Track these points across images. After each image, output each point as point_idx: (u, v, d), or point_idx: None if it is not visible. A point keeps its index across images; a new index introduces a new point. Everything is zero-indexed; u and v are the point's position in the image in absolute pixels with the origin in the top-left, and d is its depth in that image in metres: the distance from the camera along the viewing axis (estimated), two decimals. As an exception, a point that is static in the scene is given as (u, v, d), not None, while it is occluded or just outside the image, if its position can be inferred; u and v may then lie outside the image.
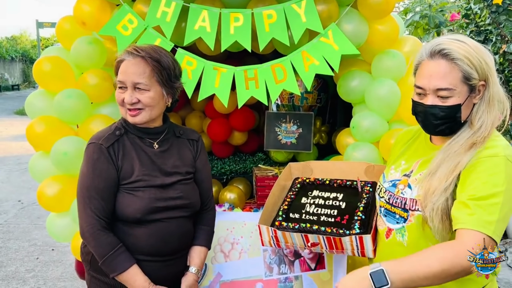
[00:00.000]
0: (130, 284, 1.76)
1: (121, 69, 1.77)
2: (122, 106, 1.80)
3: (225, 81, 2.23)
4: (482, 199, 1.39)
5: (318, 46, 2.25)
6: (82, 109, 2.38)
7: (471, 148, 1.48)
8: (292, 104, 3.31)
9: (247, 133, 3.55)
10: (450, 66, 1.47)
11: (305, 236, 1.80)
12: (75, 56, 2.42)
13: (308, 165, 2.26)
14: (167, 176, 1.85)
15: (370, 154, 2.44)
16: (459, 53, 1.47)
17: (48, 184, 2.37)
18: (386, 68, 2.44)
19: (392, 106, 2.44)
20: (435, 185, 1.47)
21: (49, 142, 2.32)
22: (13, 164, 8.94)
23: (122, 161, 1.80)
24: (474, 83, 1.48)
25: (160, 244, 1.83)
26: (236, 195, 3.09)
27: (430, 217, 1.47)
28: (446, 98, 1.49)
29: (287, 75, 2.25)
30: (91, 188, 1.75)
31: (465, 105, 1.50)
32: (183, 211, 1.88)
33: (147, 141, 1.87)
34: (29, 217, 5.88)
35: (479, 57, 1.48)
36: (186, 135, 2.00)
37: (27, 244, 4.99)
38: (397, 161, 1.75)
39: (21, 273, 4.28)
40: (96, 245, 1.75)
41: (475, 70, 1.47)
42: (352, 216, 1.87)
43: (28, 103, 2.46)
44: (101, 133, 1.85)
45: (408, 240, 1.59)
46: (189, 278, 1.91)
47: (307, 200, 2.04)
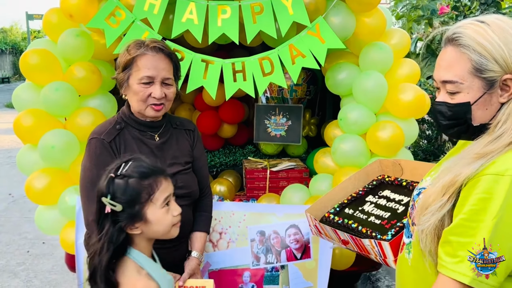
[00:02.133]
0: None
1: (146, 64, 1.78)
2: (144, 101, 1.81)
3: (213, 74, 2.25)
4: (464, 234, 1.12)
5: (305, 40, 2.26)
6: (70, 102, 2.38)
7: (479, 159, 1.15)
8: (282, 97, 3.33)
9: (236, 125, 3.57)
10: (457, 54, 1.20)
11: (336, 232, 1.79)
12: (62, 48, 2.41)
13: (398, 163, 2.10)
14: (168, 168, 1.87)
15: (357, 146, 2.47)
16: (470, 38, 1.18)
17: (36, 177, 2.37)
18: (374, 60, 2.46)
19: (379, 98, 2.47)
20: (429, 201, 1.22)
21: (37, 135, 2.32)
22: (3, 158, 8.89)
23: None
24: (493, 77, 1.17)
25: None
26: (226, 187, 3.10)
27: (420, 239, 1.24)
28: (454, 94, 1.23)
29: (274, 68, 2.26)
30: (96, 182, 1.75)
31: (480, 104, 1.20)
32: (184, 200, 1.92)
33: (148, 134, 1.91)
34: (19, 210, 5.86)
35: (502, 43, 1.16)
36: (183, 125, 2.04)
37: (18, 237, 4.97)
38: (438, 166, 1.42)
39: (11, 266, 4.28)
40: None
41: (492, 59, 1.16)
42: (398, 221, 1.75)
43: (15, 95, 2.45)
44: (102, 127, 1.88)
45: (412, 259, 1.36)
46: (192, 262, 1.96)
47: (372, 199, 1.99)
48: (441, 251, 1.17)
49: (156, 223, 1.46)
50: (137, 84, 1.79)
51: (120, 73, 1.80)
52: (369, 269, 3.17)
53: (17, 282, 3.96)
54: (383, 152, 2.47)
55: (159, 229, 1.48)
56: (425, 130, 6.62)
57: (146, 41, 1.84)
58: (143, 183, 1.42)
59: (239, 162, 3.49)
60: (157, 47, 1.81)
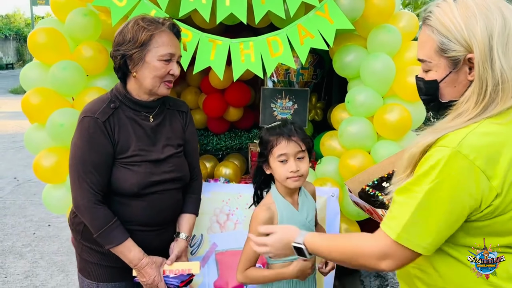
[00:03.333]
0: (125, 255, 1.80)
1: (167, 41, 1.78)
2: (161, 78, 1.80)
3: (220, 54, 2.24)
4: (403, 192, 1.21)
5: (314, 20, 2.25)
6: (78, 81, 2.39)
7: (434, 133, 1.20)
8: (288, 80, 3.32)
9: (242, 109, 3.56)
10: (427, 34, 1.24)
11: (361, 201, 1.84)
12: (70, 28, 2.41)
13: None
14: (161, 150, 1.89)
15: (364, 129, 2.47)
16: (436, 18, 1.20)
17: (44, 156, 2.38)
18: (382, 42, 2.45)
19: (386, 81, 2.46)
20: (399, 172, 1.31)
21: (45, 114, 2.33)
22: (8, 142, 8.93)
23: (119, 136, 1.80)
24: (455, 56, 1.19)
25: (155, 215, 1.88)
26: (232, 170, 3.11)
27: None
28: (426, 72, 1.28)
29: (282, 48, 2.25)
30: (88, 162, 1.75)
31: (448, 82, 1.24)
32: (176, 183, 1.93)
33: (143, 114, 1.88)
34: (24, 194, 5.91)
35: (463, 22, 1.16)
36: (176, 106, 2.03)
37: (24, 220, 5.02)
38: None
39: (18, 248, 4.32)
40: (92, 218, 1.77)
41: (454, 39, 1.17)
42: None
43: (23, 74, 2.46)
44: (95, 105, 1.82)
45: None
46: (180, 244, 1.97)
47: None
48: (388, 210, 1.26)
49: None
50: (157, 61, 1.77)
51: (133, 49, 1.74)
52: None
53: (23, 263, 4.00)
54: (390, 135, 2.47)
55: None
56: (430, 117, 6.61)
57: (159, 18, 1.82)
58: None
59: (245, 146, 3.49)
60: (173, 24, 1.83)
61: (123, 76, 1.85)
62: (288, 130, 1.80)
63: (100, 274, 1.90)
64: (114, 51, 1.80)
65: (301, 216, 1.84)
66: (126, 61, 1.78)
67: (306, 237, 1.42)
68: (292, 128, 1.81)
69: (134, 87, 1.85)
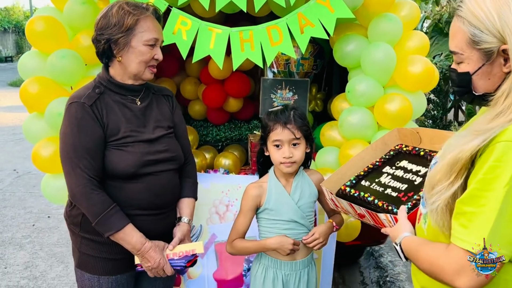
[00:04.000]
0: (127, 241, 1.76)
1: (152, 26, 1.80)
2: (146, 63, 1.82)
3: (220, 42, 2.22)
4: (471, 202, 1.11)
5: (314, 9, 2.22)
6: (76, 70, 2.37)
7: (481, 135, 1.12)
8: (288, 71, 3.30)
9: (242, 100, 3.54)
10: (458, 25, 1.19)
11: (352, 206, 1.75)
12: (68, 16, 2.38)
13: (416, 131, 2.01)
14: (152, 131, 1.88)
15: (364, 119, 2.46)
16: (468, 9, 1.16)
17: (42, 145, 2.36)
18: (383, 31, 2.44)
19: (387, 70, 2.44)
20: (436, 178, 1.20)
21: (43, 103, 2.31)
22: (7, 135, 8.92)
23: (107, 119, 1.79)
24: (489, 48, 1.13)
25: (153, 198, 1.85)
26: (231, 161, 3.10)
27: (432, 217, 1.23)
28: (459, 64, 1.23)
29: (283, 37, 2.23)
30: (79, 147, 1.72)
31: (481, 75, 1.18)
32: (171, 164, 1.91)
33: (129, 98, 1.87)
34: (24, 185, 5.91)
35: (496, 13, 1.11)
36: (160, 91, 2.03)
37: (23, 211, 5.02)
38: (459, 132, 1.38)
39: (17, 239, 4.33)
40: (89, 205, 1.73)
41: (486, 31, 1.12)
42: (415, 194, 1.70)
43: (21, 64, 2.43)
44: (81, 91, 1.82)
45: (427, 228, 1.35)
46: (183, 228, 1.95)
47: (389, 170, 1.92)
48: (455, 222, 1.15)
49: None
50: (143, 46, 1.78)
51: (118, 33, 1.74)
52: (373, 243, 3.19)
53: (23, 254, 4.00)
54: (390, 125, 2.45)
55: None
56: (430, 110, 6.59)
57: (142, 3, 1.83)
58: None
59: (244, 137, 3.48)
60: (155, 9, 1.85)
61: (107, 60, 1.85)
62: (285, 117, 1.85)
63: (101, 267, 1.85)
64: (97, 35, 1.78)
65: (291, 200, 1.91)
66: (111, 46, 1.77)
67: (405, 238, 1.35)
68: (291, 115, 1.86)
69: (119, 72, 1.84)
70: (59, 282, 3.53)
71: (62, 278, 3.58)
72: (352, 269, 3.80)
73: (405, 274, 3.41)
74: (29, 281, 3.55)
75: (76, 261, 1.92)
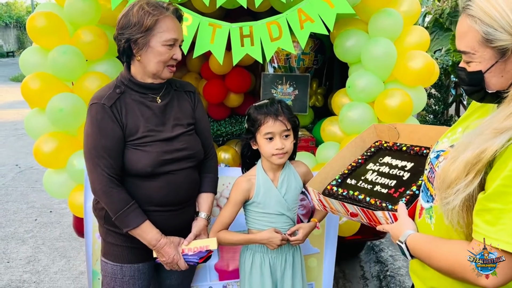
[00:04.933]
0: (143, 237, 1.83)
1: (171, 26, 1.79)
2: (165, 63, 1.82)
3: (220, 38, 2.22)
4: (497, 199, 1.09)
5: (314, 4, 2.22)
6: (77, 66, 2.37)
7: (503, 133, 1.10)
8: (289, 66, 3.30)
9: (243, 95, 3.55)
10: (468, 24, 1.16)
11: (343, 204, 1.74)
12: (69, 12, 2.38)
13: (393, 127, 2.02)
14: (171, 129, 1.89)
15: (365, 114, 2.46)
16: (479, 7, 1.13)
17: (44, 141, 2.37)
18: (383, 27, 2.43)
19: (387, 65, 2.44)
20: (452, 177, 1.16)
21: (44, 98, 2.32)
22: (9, 130, 8.94)
23: (126, 119, 1.82)
24: (503, 46, 1.12)
25: (171, 195, 1.89)
26: (231, 155, 3.11)
27: (445, 215, 1.21)
28: (468, 63, 1.21)
29: (282, 33, 2.23)
30: (99, 147, 1.78)
31: (494, 72, 1.17)
32: (189, 161, 1.93)
33: (150, 96, 1.89)
34: (26, 180, 5.92)
35: (510, 10, 1.10)
36: (183, 87, 2.03)
37: (25, 206, 5.04)
38: (455, 127, 1.39)
39: (20, 233, 4.35)
40: (108, 202, 1.80)
41: (501, 28, 1.10)
42: (407, 189, 1.68)
43: (22, 59, 2.44)
44: (102, 92, 1.85)
45: (435, 223, 1.33)
46: (200, 223, 1.98)
47: (373, 167, 1.91)
48: (478, 219, 1.13)
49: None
50: (162, 46, 1.78)
51: (138, 34, 1.75)
52: (373, 238, 3.19)
53: (26, 248, 4.03)
54: (391, 120, 2.45)
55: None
56: (431, 105, 6.59)
57: (163, 3, 1.82)
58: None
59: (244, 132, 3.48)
60: (176, 9, 1.84)
61: (128, 59, 1.86)
62: (275, 109, 1.88)
63: (124, 256, 1.93)
64: (118, 34, 1.79)
65: (278, 193, 1.96)
66: (131, 45, 1.78)
67: (410, 236, 1.34)
68: (279, 107, 1.90)
69: (139, 71, 1.86)
70: (61, 276, 3.55)
71: (64, 272, 3.60)
72: (353, 263, 3.81)
73: (405, 269, 3.43)
74: (32, 275, 3.57)
75: (102, 250, 1.99)
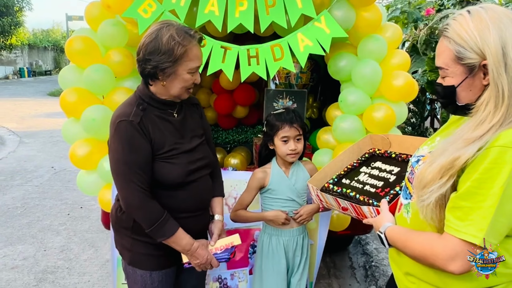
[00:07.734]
0: (178, 243, 1.69)
1: (196, 54, 1.64)
2: (186, 88, 1.68)
3: (230, 58, 2.22)
4: (468, 198, 1.10)
5: (312, 30, 2.23)
6: (107, 82, 2.38)
7: (474, 143, 1.11)
8: (288, 83, 3.30)
9: (248, 107, 3.55)
10: (444, 43, 1.19)
11: (336, 200, 1.75)
12: (101, 36, 2.40)
13: (386, 137, 2.05)
14: (189, 141, 1.78)
15: (354, 125, 2.45)
16: (453, 30, 1.17)
17: (78, 146, 2.38)
18: (370, 50, 2.43)
19: (374, 83, 2.44)
20: (428, 178, 1.17)
21: (79, 109, 2.32)
22: (46, 137, 8.95)
23: (154, 134, 1.66)
24: (471, 63, 1.14)
25: (197, 202, 1.79)
26: (239, 160, 3.10)
27: (420, 211, 1.21)
28: (444, 78, 1.23)
29: (284, 54, 2.24)
30: (131, 163, 1.61)
31: (464, 87, 1.19)
32: (207, 169, 1.84)
33: (168, 111, 1.74)
34: (60, 180, 5.91)
35: (478, 33, 1.12)
36: (189, 101, 1.87)
37: (60, 202, 5.02)
38: (435, 136, 1.39)
39: (55, 226, 4.33)
40: (145, 216, 1.64)
41: (469, 48, 1.14)
42: (392, 189, 1.70)
43: (61, 76, 2.45)
44: (127, 109, 1.66)
45: (411, 217, 1.33)
46: (218, 224, 1.88)
47: (366, 170, 1.93)
48: (450, 215, 1.14)
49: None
50: (187, 74, 1.64)
51: (166, 62, 1.58)
52: (361, 232, 3.17)
53: (60, 239, 4.01)
54: (377, 130, 2.44)
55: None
56: (410, 118, 6.57)
57: (190, 29, 1.64)
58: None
59: (250, 140, 3.48)
60: (201, 38, 1.68)
61: (150, 81, 1.69)
62: (291, 117, 2.03)
63: (153, 263, 1.77)
64: (145, 59, 1.60)
65: (289, 182, 2.08)
66: (157, 72, 1.62)
67: (389, 228, 1.34)
68: (294, 116, 2.04)
69: (160, 91, 1.69)
70: (90, 263, 3.53)
71: (93, 260, 3.58)
72: (342, 255, 3.78)
73: (388, 260, 3.39)
74: (65, 262, 3.55)
75: (128, 259, 1.80)
